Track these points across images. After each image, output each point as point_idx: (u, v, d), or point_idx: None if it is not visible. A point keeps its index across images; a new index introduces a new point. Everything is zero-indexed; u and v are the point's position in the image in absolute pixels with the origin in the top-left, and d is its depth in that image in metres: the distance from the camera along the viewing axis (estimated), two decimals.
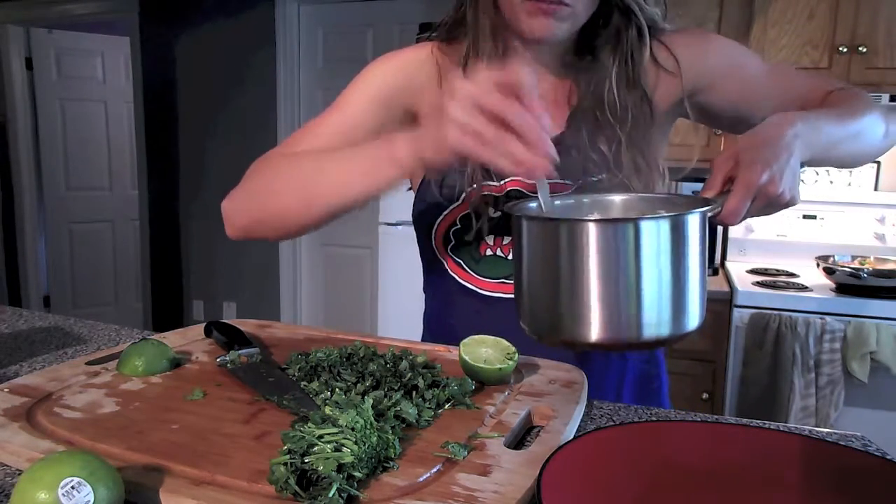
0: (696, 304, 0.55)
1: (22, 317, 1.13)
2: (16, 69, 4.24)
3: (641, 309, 0.53)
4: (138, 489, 0.51)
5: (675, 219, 0.53)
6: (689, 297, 0.54)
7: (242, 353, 0.79)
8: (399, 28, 3.28)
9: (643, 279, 0.52)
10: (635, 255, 0.52)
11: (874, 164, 2.54)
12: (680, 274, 0.53)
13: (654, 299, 0.53)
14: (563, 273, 0.54)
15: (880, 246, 2.47)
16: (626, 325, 0.53)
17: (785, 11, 2.26)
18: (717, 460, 0.57)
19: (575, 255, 0.53)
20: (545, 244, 0.56)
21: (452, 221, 0.87)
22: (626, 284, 0.53)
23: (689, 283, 0.54)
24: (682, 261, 0.53)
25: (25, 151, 4.33)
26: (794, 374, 2.05)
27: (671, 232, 0.53)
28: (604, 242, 0.52)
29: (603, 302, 0.53)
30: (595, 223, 0.53)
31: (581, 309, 0.54)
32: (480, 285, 0.88)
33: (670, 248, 0.53)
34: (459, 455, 0.56)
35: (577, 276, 0.53)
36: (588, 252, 0.53)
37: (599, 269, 0.53)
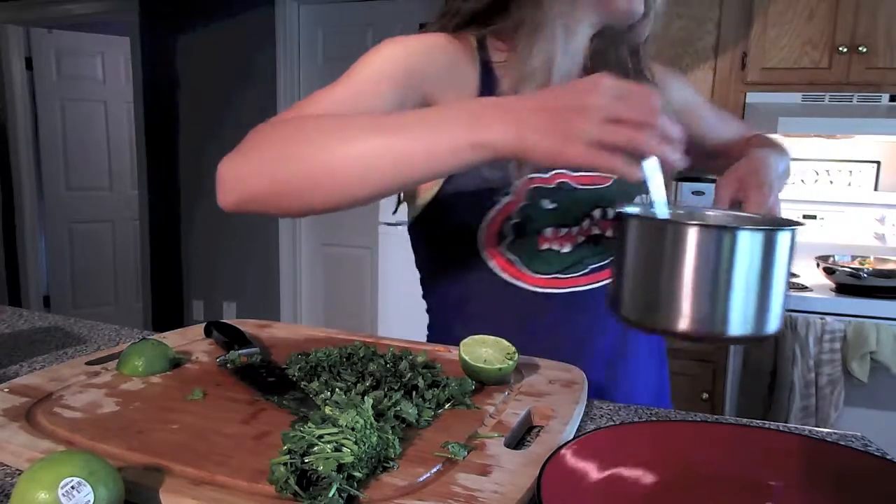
0: (778, 310, 0.61)
1: (22, 317, 1.13)
2: (16, 69, 4.24)
3: (729, 308, 0.59)
4: (138, 489, 0.51)
5: (769, 233, 0.61)
6: (773, 302, 0.60)
7: (242, 353, 0.79)
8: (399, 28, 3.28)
9: (734, 282, 0.59)
10: (729, 261, 0.58)
11: (874, 164, 2.54)
12: (767, 281, 0.60)
13: (741, 301, 0.59)
14: (664, 269, 0.61)
15: (880, 246, 2.47)
16: (714, 321, 0.59)
17: (785, 11, 2.26)
18: (717, 460, 0.57)
19: (676, 254, 0.60)
20: (651, 242, 0.63)
21: (508, 215, 0.82)
22: (718, 285, 0.59)
23: (774, 291, 0.60)
24: (769, 270, 0.60)
25: (25, 151, 4.33)
26: (794, 374, 2.05)
27: (763, 244, 0.60)
28: (703, 246, 0.59)
29: (696, 298, 0.59)
30: (699, 227, 0.60)
31: (676, 302, 0.60)
32: (532, 282, 0.84)
33: (761, 258, 0.59)
34: (459, 455, 0.56)
35: (676, 273, 0.60)
36: (688, 253, 0.59)
37: (696, 268, 0.59)
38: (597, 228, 0.85)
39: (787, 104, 2.30)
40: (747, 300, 0.59)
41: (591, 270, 0.85)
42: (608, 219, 0.85)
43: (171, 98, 3.86)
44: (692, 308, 0.60)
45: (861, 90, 2.23)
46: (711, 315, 0.59)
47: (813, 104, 2.28)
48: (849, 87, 2.24)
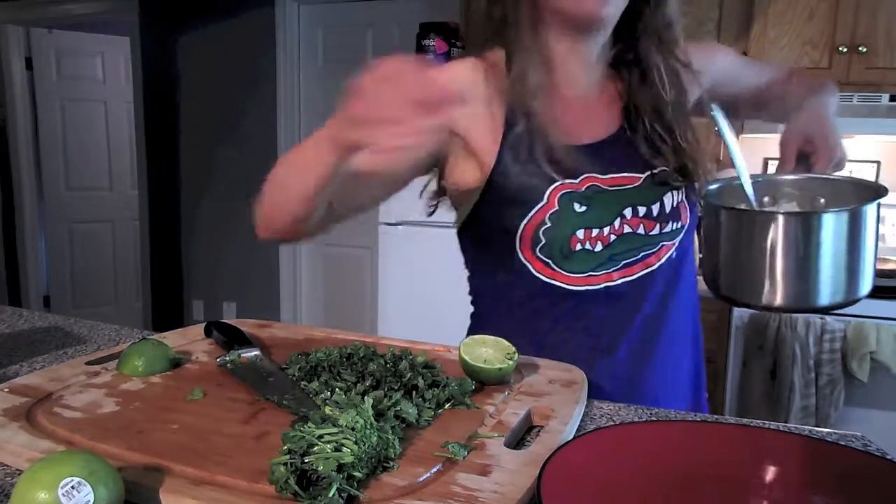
0: (868, 274, 0.69)
1: (22, 317, 1.13)
2: (16, 69, 4.24)
3: (819, 283, 0.67)
4: (138, 489, 0.51)
5: (854, 211, 0.66)
6: (862, 269, 0.68)
7: (242, 353, 0.79)
8: (399, 28, 3.28)
9: (821, 261, 0.66)
10: (817, 243, 0.66)
11: (874, 164, 2.54)
12: (854, 254, 0.67)
13: (830, 275, 0.67)
14: (756, 253, 0.69)
15: (880, 246, 2.47)
16: (807, 296, 0.68)
17: (785, 11, 2.26)
18: (717, 460, 0.57)
19: (766, 239, 0.68)
20: (742, 230, 0.72)
21: (541, 221, 0.86)
22: (809, 265, 0.67)
23: (862, 260, 0.67)
24: (856, 243, 0.66)
25: (25, 151, 4.33)
26: (794, 374, 2.05)
27: (849, 221, 0.66)
28: (791, 231, 0.67)
29: (789, 277, 0.67)
30: (786, 216, 0.68)
31: (771, 282, 0.68)
32: (567, 280, 0.87)
33: (847, 235, 0.66)
34: (459, 455, 0.56)
35: (768, 256, 0.68)
36: (777, 238, 0.67)
37: (786, 252, 0.67)
38: (628, 227, 0.87)
39: None
40: (836, 274, 0.67)
41: (625, 265, 0.87)
42: (639, 216, 0.87)
43: (171, 98, 3.86)
44: (786, 286, 0.68)
45: (861, 90, 2.23)
46: (805, 290, 0.68)
47: None
48: (849, 87, 2.24)
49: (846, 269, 0.67)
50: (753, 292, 0.71)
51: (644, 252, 0.87)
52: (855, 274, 0.68)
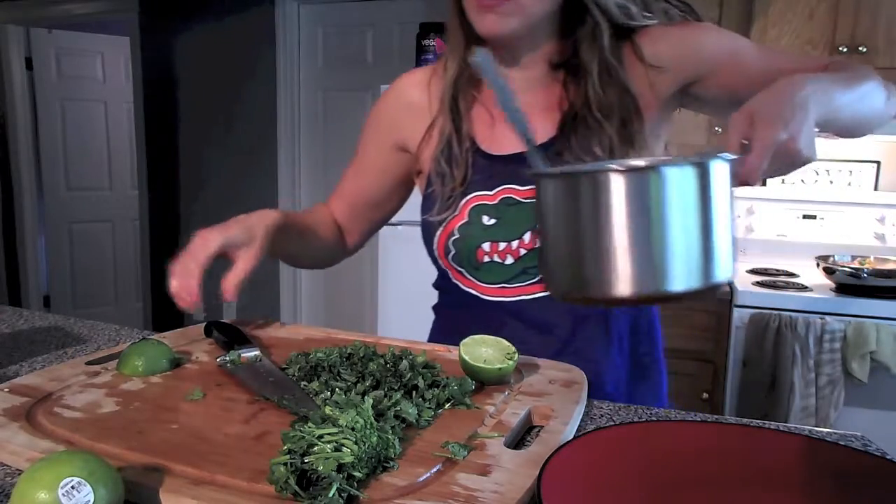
0: (726, 255, 0.54)
1: (22, 317, 1.13)
2: (16, 69, 4.24)
3: (669, 260, 0.51)
4: (138, 489, 0.51)
5: (701, 166, 0.52)
6: (718, 247, 0.53)
7: (242, 353, 0.79)
8: (399, 28, 3.28)
9: (669, 229, 0.51)
10: (660, 204, 0.51)
11: (874, 164, 2.54)
12: (707, 223, 0.52)
13: (683, 250, 0.51)
14: (585, 227, 0.53)
15: (880, 246, 2.47)
16: (654, 279, 0.52)
17: (785, 11, 2.26)
18: (717, 460, 0.57)
19: (597, 207, 0.52)
20: (565, 200, 0.55)
21: (451, 232, 0.89)
22: (650, 235, 0.51)
23: (717, 233, 0.53)
24: (708, 210, 0.52)
25: (25, 151, 4.33)
26: (794, 374, 2.05)
27: (697, 179, 0.52)
28: (628, 192, 0.51)
29: (629, 254, 0.51)
30: (618, 173, 0.51)
31: (607, 263, 0.52)
32: (482, 290, 0.90)
33: (696, 197, 0.52)
34: (459, 455, 0.56)
35: (600, 230, 0.52)
36: (611, 203, 0.51)
37: (624, 220, 0.51)
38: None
39: None
40: (688, 248, 0.52)
41: (539, 280, 0.87)
42: None
43: (171, 98, 3.86)
44: (625, 267, 0.51)
45: None
46: (649, 272, 0.51)
47: None
48: None
49: (699, 244, 0.52)
50: (589, 281, 0.53)
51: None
52: (710, 252, 0.52)
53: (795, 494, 0.53)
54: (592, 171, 0.53)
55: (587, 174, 0.54)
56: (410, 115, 0.96)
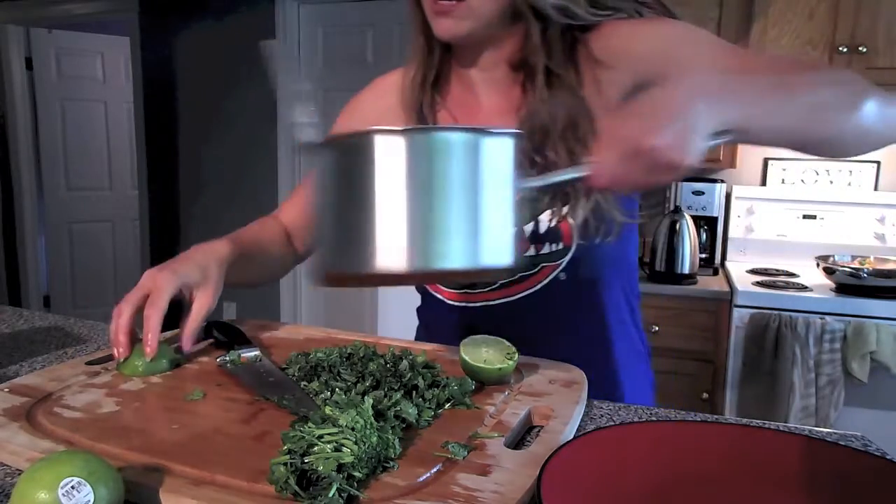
0: (500, 240, 0.50)
1: (22, 317, 1.13)
2: (16, 69, 4.24)
3: (428, 235, 0.48)
4: (138, 489, 0.51)
5: (472, 138, 0.48)
6: (486, 227, 0.49)
7: (242, 353, 0.79)
8: (399, 28, 3.27)
9: (425, 201, 0.47)
10: (417, 173, 0.47)
11: (874, 164, 2.54)
12: (473, 200, 0.48)
13: (443, 225, 0.48)
14: (342, 197, 0.49)
15: (880, 246, 2.47)
16: (414, 253, 0.48)
17: (785, 11, 2.26)
18: (717, 460, 0.57)
19: (353, 174, 0.48)
20: (325, 169, 0.51)
21: None
22: (411, 207, 0.47)
23: (486, 212, 0.49)
24: (476, 186, 0.48)
25: (25, 151, 4.33)
26: (794, 374, 2.05)
27: (464, 151, 0.48)
28: (382, 156, 0.47)
29: (385, 227, 0.47)
30: (376, 134, 0.47)
31: (360, 236, 0.48)
32: (448, 296, 0.92)
33: (463, 170, 0.48)
34: (459, 455, 0.56)
35: (355, 201, 0.48)
36: (367, 172, 0.47)
37: (381, 189, 0.47)
38: None
39: None
40: (449, 225, 0.48)
41: (502, 285, 0.87)
42: None
43: (171, 98, 3.86)
44: (384, 241, 0.47)
45: None
46: (408, 246, 0.47)
47: None
48: None
49: (463, 222, 0.48)
50: (337, 257, 0.50)
51: (522, 273, 0.85)
52: (476, 232, 0.48)
53: (795, 494, 0.53)
54: (345, 136, 0.50)
55: (338, 138, 0.51)
56: (381, 116, 0.94)
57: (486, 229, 0.49)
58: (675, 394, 2.21)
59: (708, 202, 2.53)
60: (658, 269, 2.33)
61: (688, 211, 2.42)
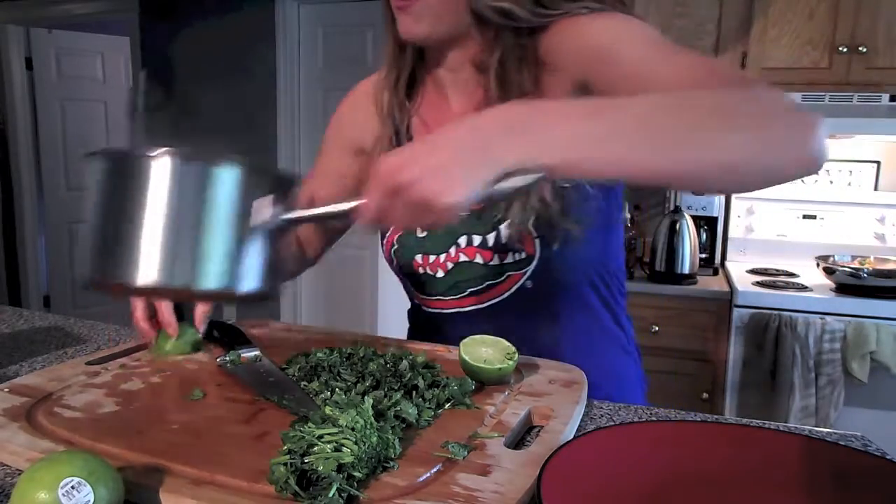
0: (227, 264, 0.53)
1: (22, 317, 1.13)
2: (16, 69, 4.24)
3: (158, 254, 0.51)
4: (138, 489, 0.51)
5: (198, 168, 0.53)
6: (211, 251, 0.52)
7: (242, 353, 0.79)
8: None
9: (165, 223, 0.51)
10: (148, 193, 0.51)
11: (874, 164, 2.54)
12: (201, 224, 0.52)
13: (169, 247, 0.51)
14: (97, 210, 0.53)
15: (880, 246, 2.47)
16: (147, 269, 0.51)
17: (785, 11, 2.26)
18: (717, 460, 0.57)
19: (105, 189, 0.53)
20: (97, 180, 0.54)
21: (392, 241, 0.91)
22: (147, 226, 0.51)
23: (212, 237, 0.52)
24: (206, 211, 0.52)
25: (25, 151, 4.33)
26: (794, 374, 2.05)
27: (195, 177, 0.53)
28: (131, 179, 0.52)
29: (125, 243, 0.52)
30: (99, 155, 0.53)
31: (107, 247, 0.53)
32: (425, 302, 0.92)
33: (193, 194, 0.52)
34: (459, 455, 0.56)
35: (108, 214, 0.53)
36: (119, 189, 0.53)
37: (121, 206, 0.52)
38: (464, 255, 0.86)
39: None
40: (175, 246, 0.51)
41: (471, 293, 0.87)
42: (474, 245, 0.85)
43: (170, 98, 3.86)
44: (126, 255, 0.51)
45: (861, 90, 2.23)
46: (130, 262, 0.51)
47: (813, 104, 2.28)
48: (849, 87, 2.24)
49: (189, 244, 0.51)
50: (103, 262, 0.53)
51: (489, 282, 0.85)
52: (203, 255, 0.52)
53: (795, 494, 0.53)
54: (109, 151, 0.55)
55: (105, 151, 0.55)
56: (370, 117, 0.94)
57: (210, 255, 0.52)
58: (675, 394, 2.21)
59: (708, 202, 2.53)
60: (658, 269, 2.33)
61: (688, 211, 2.42)
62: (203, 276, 0.52)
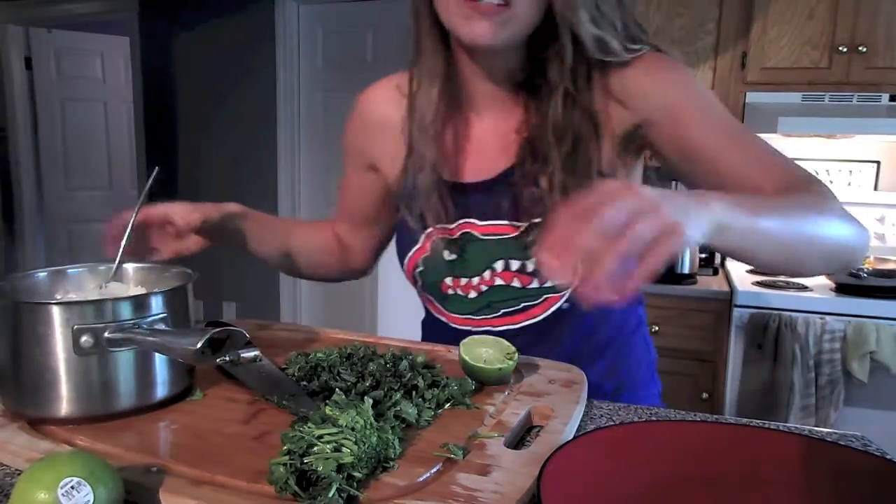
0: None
1: None
2: (16, 69, 4.24)
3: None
4: (138, 489, 0.51)
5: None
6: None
7: (242, 354, 0.79)
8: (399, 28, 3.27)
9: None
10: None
11: (874, 164, 2.54)
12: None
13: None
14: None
15: (880, 246, 2.47)
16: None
17: (785, 11, 2.26)
18: (717, 460, 0.57)
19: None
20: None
21: (416, 262, 0.88)
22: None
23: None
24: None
25: (25, 151, 4.33)
26: (794, 374, 2.05)
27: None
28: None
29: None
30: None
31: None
32: (450, 319, 0.90)
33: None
34: (459, 455, 0.56)
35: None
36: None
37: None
38: (500, 279, 0.83)
39: (787, 104, 2.30)
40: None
41: (504, 314, 0.85)
42: (511, 270, 0.83)
43: (170, 98, 3.86)
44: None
45: (861, 90, 2.23)
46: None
47: (813, 104, 2.28)
48: (849, 87, 2.24)
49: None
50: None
51: (525, 303, 0.84)
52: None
53: (795, 494, 0.53)
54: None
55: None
56: (376, 133, 0.93)
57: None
58: (675, 394, 2.21)
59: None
60: None
61: None
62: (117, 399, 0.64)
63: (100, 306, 0.62)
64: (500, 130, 0.85)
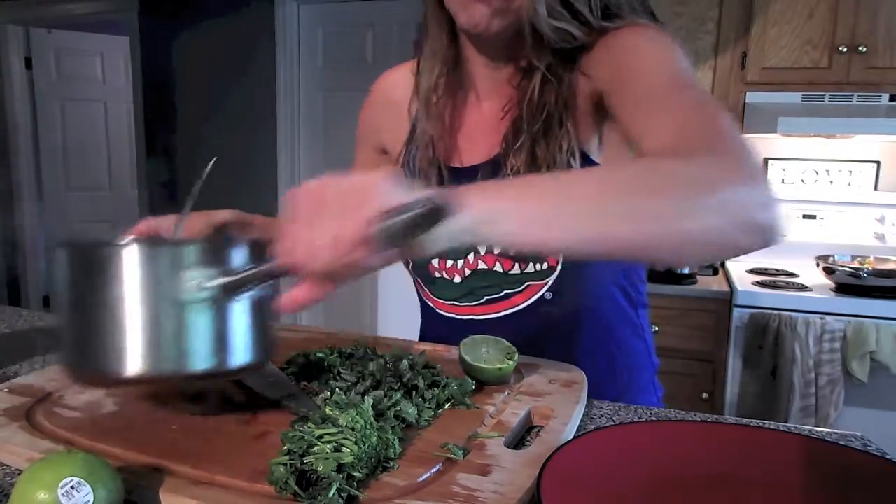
0: (179, 348, 0.53)
1: (22, 317, 1.13)
2: (15, 69, 4.24)
3: (131, 343, 0.52)
4: (138, 489, 0.51)
5: (145, 250, 0.52)
6: (164, 337, 0.53)
7: None
8: (399, 28, 3.27)
9: (133, 311, 0.52)
10: (119, 285, 0.52)
11: (874, 164, 2.54)
12: (152, 312, 0.52)
13: (126, 335, 0.52)
14: (78, 301, 0.54)
15: (880, 246, 2.47)
16: (112, 360, 0.52)
17: (785, 11, 2.26)
18: (717, 460, 0.57)
19: (76, 281, 0.54)
20: (65, 273, 0.55)
21: None
22: (108, 315, 0.52)
23: (161, 324, 0.52)
24: (152, 298, 0.52)
25: (25, 151, 4.33)
26: (794, 374, 2.05)
27: (161, 263, 0.53)
28: (92, 268, 0.53)
29: (80, 333, 0.54)
30: (66, 248, 0.54)
31: (75, 340, 0.54)
32: (438, 305, 0.91)
33: (133, 284, 0.52)
34: (459, 455, 0.56)
35: (88, 304, 0.54)
36: (68, 278, 0.54)
37: (81, 299, 0.53)
38: (483, 263, 0.84)
39: (786, 104, 2.30)
40: (154, 333, 0.52)
41: (487, 301, 0.86)
42: (493, 253, 0.83)
43: (170, 98, 3.86)
44: (90, 347, 0.53)
45: (861, 90, 2.23)
46: (105, 353, 0.52)
47: (813, 104, 2.28)
48: (849, 87, 2.24)
49: (143, 330, 0.52)
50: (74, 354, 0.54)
51: (507, 290, 0.84)
52: (156, 342, 0.53)
53: (795, 494, 0.53)
54: (71, 245, 0.55)
55: (63, 247, 0.55)
56: (390, 114, 0.94)
57: (163, 338, 0.53)
58: (675, 394, 2.21)
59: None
60: (658, 269, 2.33)
61: None
62: (191, 359, 0.53)
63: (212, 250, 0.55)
64: (494, 112, 0.86)
